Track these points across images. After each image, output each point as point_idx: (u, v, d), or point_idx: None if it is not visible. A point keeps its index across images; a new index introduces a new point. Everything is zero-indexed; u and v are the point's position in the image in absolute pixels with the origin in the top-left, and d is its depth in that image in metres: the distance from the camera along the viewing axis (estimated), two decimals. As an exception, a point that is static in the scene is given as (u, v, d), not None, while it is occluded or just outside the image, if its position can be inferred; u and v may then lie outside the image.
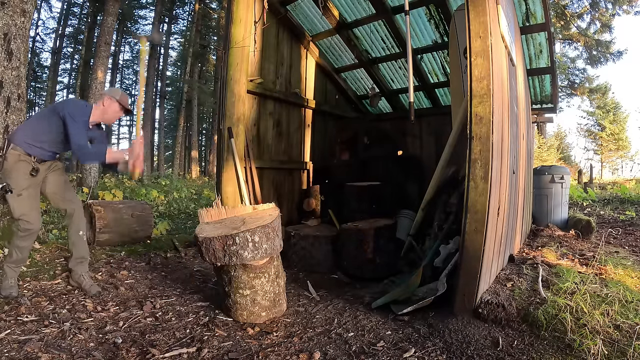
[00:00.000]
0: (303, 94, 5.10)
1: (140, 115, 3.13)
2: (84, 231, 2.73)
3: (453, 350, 1.89)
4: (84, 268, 2.69)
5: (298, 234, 3.75)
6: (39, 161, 2.50)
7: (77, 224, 2.67)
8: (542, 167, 4.92)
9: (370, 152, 5.38)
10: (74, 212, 2.66)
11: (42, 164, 2.53)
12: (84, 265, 2.69)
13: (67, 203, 2.66)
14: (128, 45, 27.23)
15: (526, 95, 4.05)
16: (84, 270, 2.68)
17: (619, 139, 26.73)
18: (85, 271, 2.68)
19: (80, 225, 2.69)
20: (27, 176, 2.43)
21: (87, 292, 2.58)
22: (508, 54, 2.72)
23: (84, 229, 2.73)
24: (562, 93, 20.23)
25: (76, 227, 2.67)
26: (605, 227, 5.01)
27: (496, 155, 2.22)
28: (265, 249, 2.24)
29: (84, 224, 2.74)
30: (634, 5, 14.11)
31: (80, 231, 2.69)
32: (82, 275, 2.65)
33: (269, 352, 1.92)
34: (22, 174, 2.42)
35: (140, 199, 7.82)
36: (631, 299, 2.12)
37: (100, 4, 15.23)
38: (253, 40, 3.99)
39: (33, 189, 2.48)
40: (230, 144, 3.66)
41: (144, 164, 3.01)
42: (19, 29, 3.49)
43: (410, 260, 3.46)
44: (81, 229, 2.70)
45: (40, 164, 2.52)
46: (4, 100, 3.40)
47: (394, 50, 4.93)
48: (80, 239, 2.69)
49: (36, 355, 1.75)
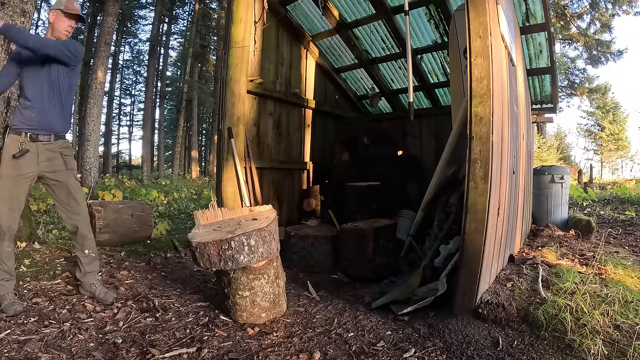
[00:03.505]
0: (303, 94, 5.10)
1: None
2: (91, 250, 2.49)
3: (453, 351, 1.89)
4: (94, 277, 2.52)
5: (298, 234, 3.75)
6: (32, 139, 2.21)
7: (81, 244, 2.45)
8: (542, 167, 4.92)
9: (370, 152, 5.38)
10: (77, 230, 2.42)
11: (36, 143, 2.23)
12: (93, 274, 2.52)
13: (70, 217, 2.42)
14: (128, 45, 27.24)
15: (526, 95, 4.05)
16: (95, 279, 2.51)
17: (619, 139, 26.74)
18: (95, 279, 2.52)
19: (85, 244, 2.46)
20: (11, 161, 2.16)
21: (102, 301, 2.41)
22: (508, 54, 2.72)
23: (90, 248, 2.49)
24: (562, 93, 20.23)
25: (80, 247, 2.46)
26: (605, 227, 5.01)
27: (496, 155, 2.22)
28: (261, 252, 2.22)
29: (90, 243, 2.49)
30: (633, 6, 14.12)
31: (86, 250, 2.46)
32: (94, 284, 2.48)
33: (269, 352, 1.92)
34: (7, 158, 2.16)
35: (140, 199, 7.82)
36: (631, 299, 2.12)
37: (100, 4, 15.24)
38: (253, 40, 3.99)
39: (13, 182, 2.19)
40: (230, 144, 3.66)
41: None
42: (19, 29, 3.48)
43: (410, 260, 3.46)
44: (86, 249, 2.46)
45: (34, 143, 2.22)
46: (4, 100, 3.40)
47: (394, 50, 4.93)
48: (86, 256, 2.48)
49: (36, 355, 1.75)
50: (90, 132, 9.44)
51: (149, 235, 4.19)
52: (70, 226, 2.44)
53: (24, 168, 2.23)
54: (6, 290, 2.20)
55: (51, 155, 2.33)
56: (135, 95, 30.20)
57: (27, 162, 2.23)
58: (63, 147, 2.40)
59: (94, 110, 9.55)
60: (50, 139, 2.32)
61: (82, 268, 2.49)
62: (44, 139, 2.30)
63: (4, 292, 2.19)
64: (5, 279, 2.22)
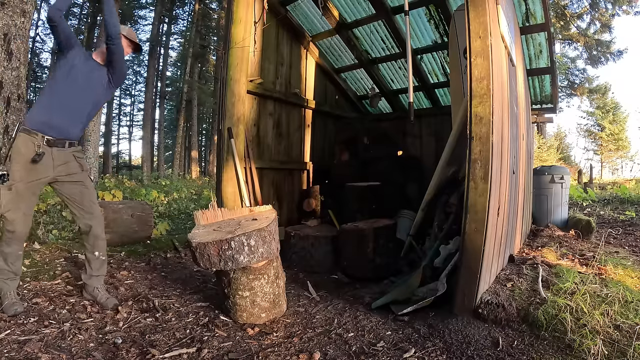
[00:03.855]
0: (303, 94, 5.10)
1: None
2: (101, 253, 2.44)
3: (453, 351, 1.89)
4: (99, 281, 2.47)
5: (298, 234, 3.75)
6: (49, 143, 2.13)
7: (92, 245, 2.40)
8: (542, 167, 4.93)
9: (370, 152, 5.38)
10: (90, 230, 2.37)
11: (53, 149, 2.15)
12: (99, 278, 2.47)
13: (83, 215, 2.36)
14: (128, 46, 27.16)
15: (526, 95, 4.05)
16: (99, 283, 2.46)
17: (619, 139, 26.76)
18: (100, 284, 2.46)
19: (96, 245, 2.41)
20: (26, 165, 2.08)
21: (103, 306, 2.37)
22: (508, 54, 2.72)
23: (101, 250, 2.44)
24: (562, 93, 20.23)
25: (91, 248, 2.41)
26: (605, 227, 5.01)
27: (496, 155, 2.22)
28: (261, 252, 2.21)
29: (101, 245, 2.45)
30: (633, 6, 14.12)
31: (96, 252, 2.42)
32: (97, 288, 2.44)
33: (269, 352, 1.92)
34: (22, 161, 2.08)
35: (140, 199, 7.82)
36: (631, 299, 2.12)
37: (100, 4, 15.23)
38: (253, 40, 3.99)
39: (28, 186, 2.13)
40: (230, 144, 3.66)
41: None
42: (18, 29, 3.49)
43: (410, 260, 3.46)
44: (97, 250, 2.41)
45: (51, 148, 2.14)
46: (4, 100, 3.40)
47: (394, 51, 4.93)
48: (96, 258, 2.43)
49: (36, 355, 1.75)
50: (90, 132, 9.44)
51: (149, 236, 4.19)
52: (84, 225, 2.38)
53: (40, 172, 2.17)
54: (9, 288, 2.20)
55: (66, 159, 2.28)
56: (135, 96, 30.25)
57: (43, 166, 2.16)
58: (75, 150, 2.37)
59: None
60: (65, 145, 2.27)
61: (88, 270, 2.44)
62: (60, 145, 2.23)
63: (6, 290, 2.19)
64: (10, 278, 2.21)
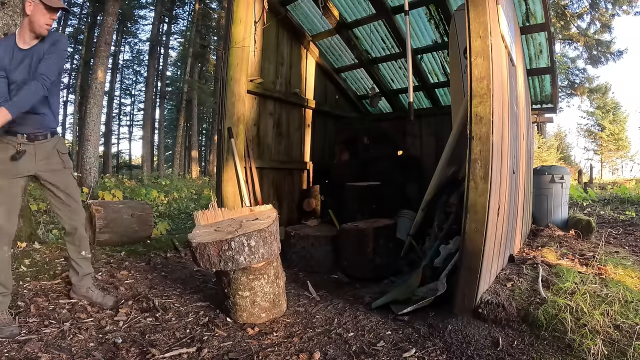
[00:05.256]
0: (303, 94, 5.10)
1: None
2: (86, 251, 2.41)
3: (453, 350, 1.89)
4: (90, 280, 2.44)
5: (298, 234, 3.75)
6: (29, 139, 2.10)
7: (79, 245, 2.36)
8: (542, 167, 4.92)
9: (370, 152, 5.38)
10: (76, 231, 2.32)
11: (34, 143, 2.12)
12: (89, 278, 2.44)
13: (69, 215, 2.30)
14: (128, 45, 27.24)
15: (526, 95, 4.05)
16: (90, 283, 2.43)
17: (619, 139, 26.76)
18: (91, 283, 2.44)
19: (82, 245, 2.37)
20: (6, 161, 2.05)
21: (102, 305, 2.36)
22: (508, 54, 2.72)
23: (86, 248, 2.40)
24: (562, 93, 20.24)
25: (77, 248, 2.36)
26: (605, 227, 5.01)
27: (496, 155, 2.22)
28: (262, 253, 2.20)
29: (86, 243, 2.41)
30: (634, 5, 14.13)
31: (83, 251, 2.38)
32: (90, 288, 2.41)
33: (269, 352, 1.92)
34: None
35: (140, 199, 7.82)
36: (631, 299, 2.12)
37: (100, 4, 15.25)
38: (253, 40, 3.99)
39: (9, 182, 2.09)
40: (230, 144, 3.66)
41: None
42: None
43: (410, 260, 3.46)
44: (83, 250, 2.38)
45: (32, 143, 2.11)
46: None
47: (394, 50, 4.93)
48: (82, 258, 2.40)
49: (36, 355, 1.75)
50: (90, 132, 9.43)
51: (149, 235, 4.19)
52: (69, 227, 2.32)
53: (21, 168, 2.12)
54: (1, 307, 2.01)
55: (47, 153, 2.21)
56: (135, 95, 30.21)
57: (23, 161, 2.12)
58: (58, 144, 2.27)
59: (94, 110, 9.54)
60: (47, 136, 2.20)
61: (79, 271, 2.39)
62: (42, 137, 2.18)
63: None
64: (2, 293, 2.03)
